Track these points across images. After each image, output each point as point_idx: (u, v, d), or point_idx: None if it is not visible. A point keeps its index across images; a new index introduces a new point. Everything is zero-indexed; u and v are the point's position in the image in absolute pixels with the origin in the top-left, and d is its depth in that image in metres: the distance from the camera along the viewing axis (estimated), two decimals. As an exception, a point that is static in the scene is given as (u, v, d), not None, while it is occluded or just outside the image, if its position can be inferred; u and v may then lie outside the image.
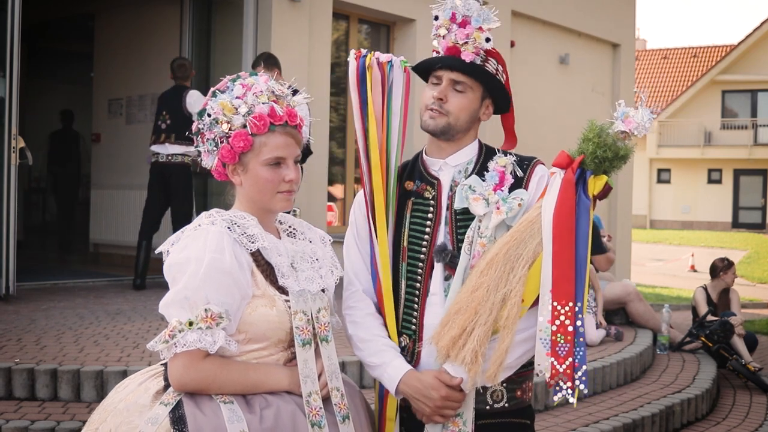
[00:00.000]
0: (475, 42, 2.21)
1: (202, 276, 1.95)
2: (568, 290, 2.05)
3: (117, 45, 9.13)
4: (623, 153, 2.11)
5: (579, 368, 2.04)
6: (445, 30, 2.24)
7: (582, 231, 2.08)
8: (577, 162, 2.11)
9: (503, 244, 2.13)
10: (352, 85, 2.31)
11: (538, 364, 2.08)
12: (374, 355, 2.23)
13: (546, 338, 2.06)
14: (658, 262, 18.96)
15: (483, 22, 2.22)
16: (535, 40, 10.10)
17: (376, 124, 2.29)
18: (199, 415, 1.93)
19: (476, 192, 2.21)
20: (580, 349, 2.05)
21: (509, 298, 2.07)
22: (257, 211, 2.13)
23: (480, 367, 2.05)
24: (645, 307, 7.26)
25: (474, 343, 2.05)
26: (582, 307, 2.06)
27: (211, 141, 2.10)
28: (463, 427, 2.17)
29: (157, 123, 7.02)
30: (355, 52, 2.31)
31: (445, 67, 2.24)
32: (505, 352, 2.06)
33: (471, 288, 2.11)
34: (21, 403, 4.11)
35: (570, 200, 2.08)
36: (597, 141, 2.10)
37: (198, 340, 1.92)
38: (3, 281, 6.12)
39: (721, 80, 32.40)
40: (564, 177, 2.11)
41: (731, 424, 5.55)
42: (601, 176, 2.12)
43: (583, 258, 2.07)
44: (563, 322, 2.04)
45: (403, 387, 2.17)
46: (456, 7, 2.23)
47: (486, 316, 2.06)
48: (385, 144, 2.29)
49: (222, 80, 2.16)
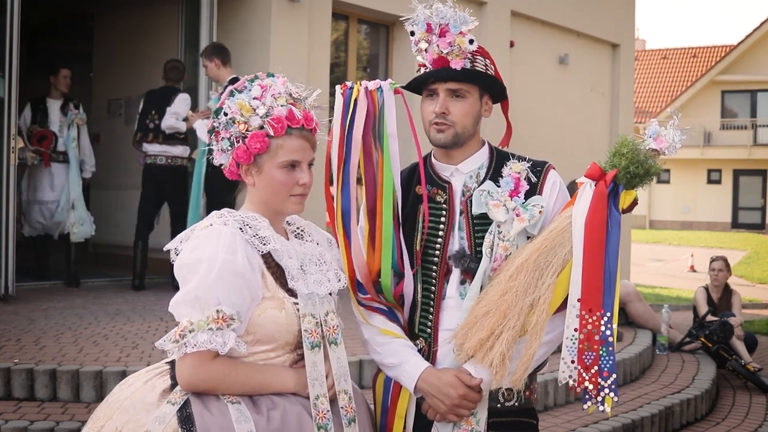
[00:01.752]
0: (460, 48, 2.20)
1: (214, 277, 1.94)
2: (597, 299, 2.09)
3: (117, 45, 9.12)
4: (654, 171, 2.15)
5: (609, 377, 2.07)
6: (426, 43, 2.23)
7: (612, 243, 2.11)
8: (611, 176, 2.14)
9: (533, 251, 2.15)
10: (336, 118, 2.27)
11: (562, 372, 2.11)
12: (392, 356, 2.24)
13: (572, 346, 2.09)
14: (657, 262, 18.95)
15: (462, 26, 2.20)
16: (534, 40, 10.09)
17: (360, 152, 2.26)
18: (206, 414, 1.93)
19: (495, 198, 2.21)
20: (610, 357, 2.08)
21: (537, 305, 2.11)
22: (268, 212, 2.12)
23: (507, 370, 2.08)
24: (644, 308, 7.26)
25: (502, 347, 2.08)
26: (612, 317, 2.09)
27: (226, 140, 2.09)
28: (476, 426, 2.19)
29: (145, 122, 7.02)
30: (341, 87, 2.29)
31: (439, 80, 2.24)
32: (532, 358, 2.11)
33: (500, 292, 2.13)
34: (20, 404, 4.11)
35: (602, 212, 2.12)
36: (630, 157, 2.13)
37: (209, 341, 1.92)
38: (2, 281, 6.12)
39: (721, 80, 32.40)
40: (597, 189, 2.14)
41: (731, 425, 5.55)
42: (631, 191, 2.16)
43: (613, 270, 2.10)
44: (590, 331, 2.08)
45: (421, 384, 2.18)
46: (429, 18, 2.21)
47: (515, 320, 2.10)
48: (382, 166, 2.26)
49: (240, 80, 2.15)
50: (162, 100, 6.95)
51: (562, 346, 2.11)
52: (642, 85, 35.06)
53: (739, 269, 16.96)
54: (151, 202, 7.07)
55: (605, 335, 2.08)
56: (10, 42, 6.04)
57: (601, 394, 2.08)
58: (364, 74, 9.06)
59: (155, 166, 6.94)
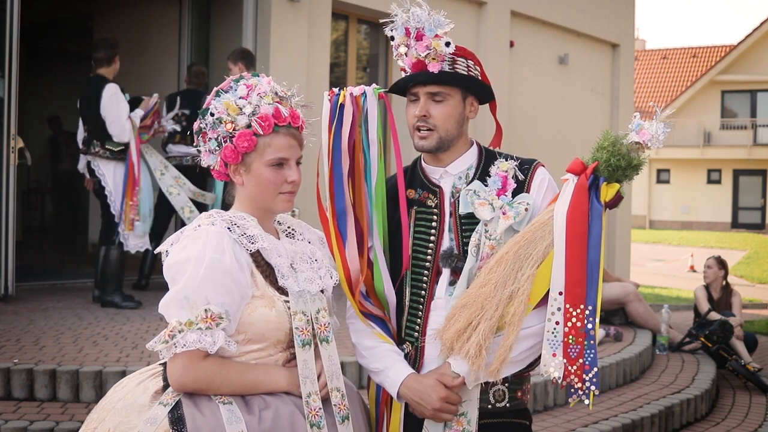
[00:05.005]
0: (436, 51, 2.21)
1: (202, 276, 1.95)
2: (580, 293, 2.10)
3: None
4: (636, 163, 2.17)
5: (590, 370, 2.08)
6: (405, 47, 2.25)
7: (594, 235, 2.12)
8: (591, 168, 2.17)
9: (513, 243, 2.17)
10: (323, 125, 2.29)
11: (543, 365, 2.11)
12: (377, 361, 2.25)
13: (556, 340, 2.10)
14: (657, 262, 18.96)
15: (437, 29, 2.21)
16: (534, 40, 10.09)
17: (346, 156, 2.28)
18: (197, 415, 1.93)
19: (481, 197, 2.22)
20: (591, 351, 2.09)
21: (516, 296, 2.11)
22: (258, 211, 2.13)
23: (483, 361, 2.08)
24: (644, 308, 7.26)
25: (478, 337, 2.08)
26: (594, 310, 2.10)
27: (213, 140, 2.10)
28: (467, 426, 2.18)
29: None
30: (328, 93, 2.30)
31: (418, 84, 2.25)
32: (509, 349, 2.10)
33: (479, 284, 2.14)
34: (20, 404, 4.11)
35: (583, 205, 2.14)
36: (611, 150, 2.16)
37: (198, 340, 1.93)
38: (2, 281, 6.11)
39: (721, 80, 32.39)
40: (577, 182, 2.17)
41: (730, 425, 5.55)
42: (614, 184, 2.17)
43: (595, 262, 2.11)
44: (575, 324, 2.09)
45: (404, 390, 2.18)
46: (406, 22, 2.22)
47: (492, 311, 2.10)
48: (363, 173, 2.28)
49: (225, 80, 2.16)
50: (189, 102, 6.88)
51: (543, 340, 2.12)
52: (642, 85, 35.06)
53: (738, 269, 16.96)
54: (169, 202, 7.03)
55: (588, 329, 2.09)
56: (9, 42, 6.04)
57: (583, 388, 2.09)
58: (363, 74, 9.07)
59: (181, 167, 6.88)
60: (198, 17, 8.30)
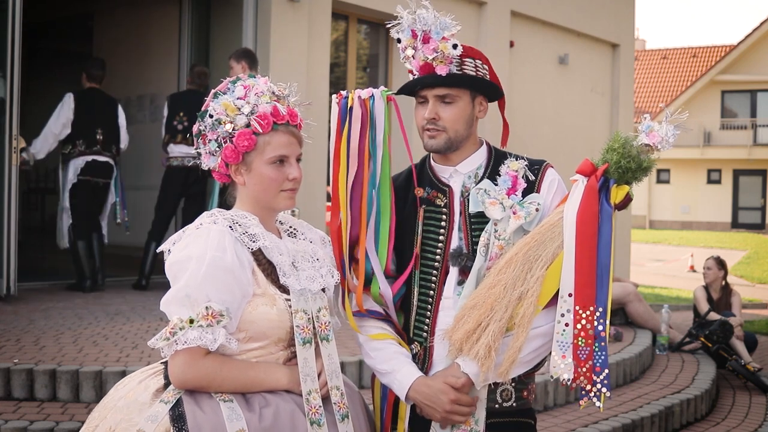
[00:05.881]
0: (444, 53, 2.20)
1: (203, 274, 1.96)
2: (590, 295, 2.09)
3: (116, 45, 9.13)
4: (646, 165, 2.17)
5: (601, 372, 2.08)
6: (412, 50, 2.24)
7: (604, 237, 2.12)
8: (601, 170, 2.16)
9: (523, 245, 2.17)
10: (333, 128, 2.29)
11: (553, 367, 2.11)
12: (385, 362, 2.25)
13: (565, 341, 2.10)
14: (657, 262, 18.96)
15: (444, 31, 2.20)
16: (534, 40, 10.09)
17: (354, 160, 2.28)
18: (198, 413, 1.93)
19: (492, 196, 2.22)
20: (602, 353, 2.09)
21: (525, 297, 2.11)
22: (260, 210, 2.14)
23: (493, 362, 2.08)
24: (644, 308, 7.27)
25: (488, 338, 2.08)
26: (605, 312, 2.09)
27: (213, 142, 2.12)
28: (475, 426, 2.19)
29: (173, 124, 6.96)
30: (337, 96, 2.30)
31: (426, 86, 2.25)
32: (519, 350, 2.10)
33: (488, 285, 2.14)
34: (20, 404, 4.11)
35: (593, 207, 2.13)
36: (622, 151, 2.16)
37: (198, 337, 1.93)
38: (4, 282, 6.11)
39: (721, 80, 32.39)
40: (587, 184, 2.16)
41: (730, 425, 5.55)
42: (623, 186, 2.17)
43: (605, 264, 2.11)
44: (584, 326, 2.09)
45: (413, 393, 2.18)
46: (413, 24, 2.22)
47: (501, 312, 2.10)
48: (368, 177, 2.28)
49: (222, 82, 2.17)
50: (190, 102, 6.85)
51: (553, 341, 2.12)
52: (642, 85, 35.06)
53: (738, 269, 16.97)
54: (172, 203, 7.04)
55: (598, 330, 2.09)
56: (11, 42, 6.03)
57: (593, 390, 2.09)
58: (363, 74, 9.07)
59: (182, 168, 6.88)
60: (198, 17, 8.29)
